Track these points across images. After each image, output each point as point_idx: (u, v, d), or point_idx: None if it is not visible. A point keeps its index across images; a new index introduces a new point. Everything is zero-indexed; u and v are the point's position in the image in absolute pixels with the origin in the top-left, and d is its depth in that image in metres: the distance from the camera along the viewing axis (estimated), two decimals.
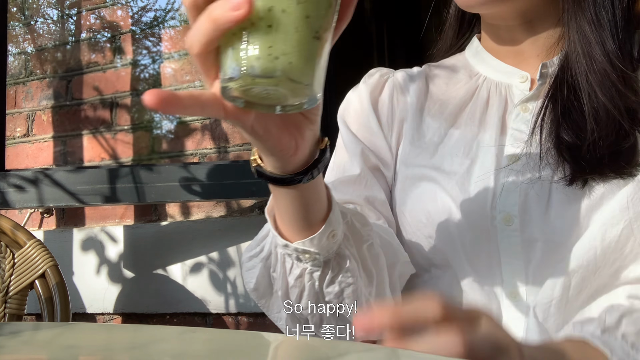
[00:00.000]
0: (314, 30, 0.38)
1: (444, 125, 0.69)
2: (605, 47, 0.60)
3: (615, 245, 0.56)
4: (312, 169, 0.48)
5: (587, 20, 0.62)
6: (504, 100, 0.68)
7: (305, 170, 0.47)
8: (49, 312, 0.96)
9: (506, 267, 0.61)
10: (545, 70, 0.66)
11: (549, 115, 0.62)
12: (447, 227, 0.63)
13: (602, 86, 0.59)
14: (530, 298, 0.60)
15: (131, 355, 0.29)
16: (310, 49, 0.38)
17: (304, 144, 0.46)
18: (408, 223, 0.67)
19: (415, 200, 0.66)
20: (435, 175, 0.65)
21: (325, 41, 0.39)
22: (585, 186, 0.58)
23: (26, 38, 1.98)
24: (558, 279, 0.58)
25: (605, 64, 0.60)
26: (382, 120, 0.73)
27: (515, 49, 0.70)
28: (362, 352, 0.32)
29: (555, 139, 0.60)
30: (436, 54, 0.80)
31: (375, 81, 0.75)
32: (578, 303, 0.60)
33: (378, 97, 0.74)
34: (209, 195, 1.53)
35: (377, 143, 0.72)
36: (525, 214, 0.60)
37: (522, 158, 0.62)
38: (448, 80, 0.74)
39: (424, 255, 0.67)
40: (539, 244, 0.60)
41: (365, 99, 0.74)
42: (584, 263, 0.57)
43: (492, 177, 0.63)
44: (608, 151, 0.58)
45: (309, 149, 0.47)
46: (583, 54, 0.61)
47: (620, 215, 0.56)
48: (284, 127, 0.45)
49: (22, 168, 1.73)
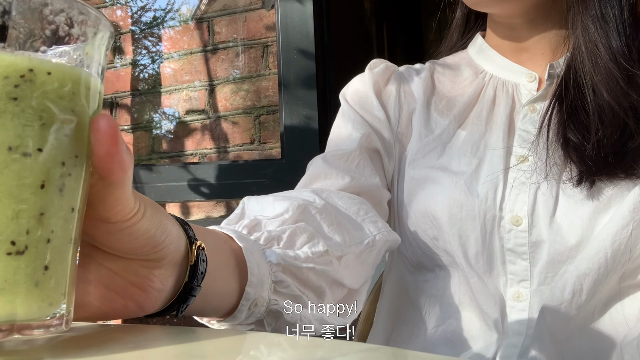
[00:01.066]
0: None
1: (452, 124, 0.69)
2: (610, 45, 0.60)
3: (625, 248, 0.56)
4: (181, 304, 0.37)
5: (591, 17, 0.61)
6: (511, 99, 0.68)
7: (172, 304, 0.37)
8: None
9: (511, 267, 0.61)
10: (552, 71, 0.66)
11: (555, 115, 0.62)
12: (454, 228, 0.62)
13: (606, 85, 0.59)
14: (534, 299, 0.60)
15: (131, 355, 0.29)
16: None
17: (156, 290, 0.35)
18: (413, 224, 0.66)
19: (422, 202, 0.66)
20: (442, 176, 0.65)
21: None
22: (594, 187, 0.58)
23: None
24: (567, 281, 0.58)
25: (610, 62, 0.59)
26: (389, 112, 0.72)
27: (520, 47, 0.69)
28: (362, 352, 0.32)
29: (563, 140, 0.60)
30: (440, 52, 0.80)
31: (381, 71, 0.74)
32: (590, 309, 0.59)
33: (383, 87, 0.73)
34: (209, 195, 1.53)
35: (381, 129, 0.71)
36: (534, 215, 0.60)
37: (530, 159, 0.62)
38: (453, 77, 0.74)
39: (429, 256, 0.66)
40: (545, 244, 0.59)
41: (369, 87, 0.73)
42: (595, 266, 0.56)
43: (500, 177, 0.62)
44: (613, 150, 0.57)
45: (168, 289, 0.36)
46: (587, 52, 0.61)
47: (629, 216, 0.56)
48: (107, 297, 0.34)
49: None
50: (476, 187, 0.63)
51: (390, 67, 0.75)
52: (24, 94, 0.28)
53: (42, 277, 0.29)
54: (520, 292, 0.61)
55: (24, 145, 0.28)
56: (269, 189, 0.61)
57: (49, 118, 0.29)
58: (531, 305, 0.60)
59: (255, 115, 1.70)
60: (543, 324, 0.58)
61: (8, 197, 0.28)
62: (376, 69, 0.74)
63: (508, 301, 0.62)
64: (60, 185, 0.30)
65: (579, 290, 0.57)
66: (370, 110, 0.71)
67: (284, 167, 1.47)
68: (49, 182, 0.29)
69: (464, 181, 0.63)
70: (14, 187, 0.28)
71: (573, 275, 0.57)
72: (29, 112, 0.29)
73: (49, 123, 0.29)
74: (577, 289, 0.57)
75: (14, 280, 0.28)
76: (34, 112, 0.29)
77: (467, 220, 0.62)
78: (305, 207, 0.53)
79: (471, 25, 0.78)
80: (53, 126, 0.29)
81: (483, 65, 0.72)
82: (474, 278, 0.63)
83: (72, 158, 0.30)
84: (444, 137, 0.68)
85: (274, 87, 1.68)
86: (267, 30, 1.71)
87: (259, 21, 1.73)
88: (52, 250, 0.29)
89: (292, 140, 1.48)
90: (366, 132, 0.69)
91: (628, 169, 0.57)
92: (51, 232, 0.29)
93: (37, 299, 0.28)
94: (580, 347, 0.59)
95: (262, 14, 1.73)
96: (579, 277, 0.57)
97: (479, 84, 0.71)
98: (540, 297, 0.60)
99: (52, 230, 0.29)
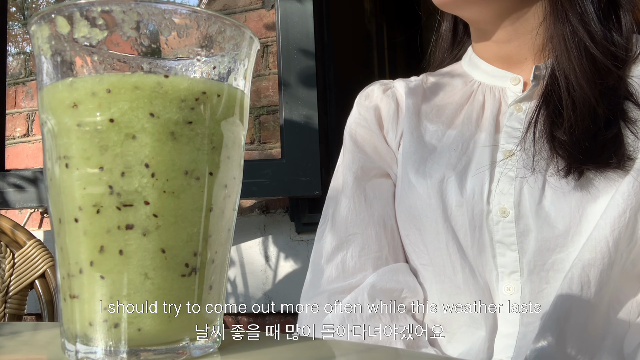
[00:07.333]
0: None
1: (441, 128, 0.71)
2: (588, 40, 0.62)
3: (624, 235, 0.57)
4: None
5: (571, 14, 0.64)
6: (497, 102, 0.70)
7: None
8: (49, 312, 0.96)
9: (501, 259, 0.62)
10: (538, 72, 0.67)
11: (542, 113, 0.64)
12: (443, 223, 0.64)
13: (586, 79, 0.61)
14: (526, 290, 0.61)
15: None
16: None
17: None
18: (404, 220, 0.69)
19: (412, 199, 0.67)
20: (431, 174, 0.67)
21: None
22: (582, 178, 0.59)
23: (26, 38, 1.98)
24: (573, 274, 0.58)
25: (586, 56, 0.62)
26: (388, 133, 0.75)
27: (503, 52, 0.71)
28: (362, 352, 0.32)
29: (549, 135, 0.62)
30: (431, 63, 0.83)
31: (373, 95, 0.77)
32: (598, 300, 0.58)
33: (379, 109, 0.76)
34: None
35: (381, 149, 0.74)
36: (520, 206, 0.61)
37: (517, 153, 0.64)
38: (445, 87, 0.76)
39: (419, 254, 0.68)
40: (532, 234, 0.60)
41: (366, 116, 0.76)
42: (599, 256, 0.57)
43: (487, 172, 0.64)
44: (585, 137, 0.59)
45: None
46: (567, 48, 0.63)
47: (624, 204, 0.57)
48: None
49: (22, 168, 1.73)
50: (465, 184, 0.64)
51: (384, 84, 0.79)
52: (198, 118, 0.29)
53: (207, 296, 0.30)
54: (511, 285, 0.62)
55: (198, 170, 0.29)
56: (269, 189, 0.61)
57: (217, 141, 0.30)
58: (523, 296, 0.61)
59: (255, 115, 1.70)
60: (553, 318, 0.58)
61: (184, 221, 0.28)
62: (366, 100, 0.77)
63: (499, 295, 0.63)
64: (223, 207, 0.30)
65: (586, 282, 0.57)
66: (371, 142, 0.75)
67: (284, 167, 1.47)
68: (215, 205, 0.30)
69: (453, 178, 0.65)
70: (189, 211, 0.28)
71: (578, 268, 0.57)
72: (202, 136, 0.29)
73: (217, 146, 0.30)
74: (584, 280, 0.57)
75: (187, 301, 0.29)
76: (206, 135, 0.29)
77: (456, 216, 0.63)
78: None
79: (459, 38, 0.81)
80: (221, 149, 0.30)
81: (473, 75, 0.75)
82: (465, 273, 0.63)
83: (232, 180, 0.31)
84: (434, 140, 0.70)
85: (274, 87, 1.68)
86: (267, 30, 1.71)
87: (259, 21, 1.73)
88: (214, 270, 0.30)
89: (292, 140, 1.47)
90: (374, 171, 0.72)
91: (608, 159, 0.58)
92: (215, 253, 0.30)
93: (203, 318, 0.29)
94: (585, 337, 0.59)
95: (262, 14, 1.73)
96: (584, 269, 0.57)
97: (467, 91, 0.73)
98: (531, 286, 0.60)
99: (215, 251, 0.30)
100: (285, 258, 1.60)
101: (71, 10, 0.28)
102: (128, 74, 0.28)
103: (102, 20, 0.28)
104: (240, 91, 0.32)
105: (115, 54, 0.28)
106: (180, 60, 0.30)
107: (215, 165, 0.29)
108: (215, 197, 0.30)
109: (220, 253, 0.31)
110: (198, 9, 0.29)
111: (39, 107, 0.30)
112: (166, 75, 0.28)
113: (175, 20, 0.29)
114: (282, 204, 1.63)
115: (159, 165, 0.27)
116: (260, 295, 1.60)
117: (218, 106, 0.29)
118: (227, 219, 0.31)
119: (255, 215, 1.63)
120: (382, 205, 0.71)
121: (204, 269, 0.29)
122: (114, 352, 0.27)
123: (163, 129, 0.27)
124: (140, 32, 0.28)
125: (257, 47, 0.33)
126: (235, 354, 0.31)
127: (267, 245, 1.62)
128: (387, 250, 0.69)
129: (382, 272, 0.67)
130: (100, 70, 0.28)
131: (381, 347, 0.36)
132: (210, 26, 0.30)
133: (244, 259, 1.63)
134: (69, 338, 0.28)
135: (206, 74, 0.30)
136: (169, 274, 0.28)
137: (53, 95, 0.28)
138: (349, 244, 0.69)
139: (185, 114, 0.28)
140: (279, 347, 0.33)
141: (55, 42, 0.29)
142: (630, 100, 0.62)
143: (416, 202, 0.67)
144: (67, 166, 0.28)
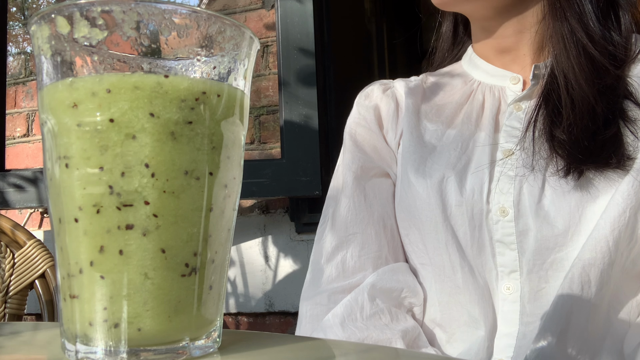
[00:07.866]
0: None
1: (441, 127, 0.71)
2: (586, 39, 0.63)
3: (624, 234, 0.57)
4: None
5: (569, 13, 0.64)
6: (497, 101, 0.70)
7: None
8: (49, 312, 0.96)
9: (501, 259, 0.62)
10: (538, 72, 0.68)
11: (542, 113, 0.64)
12: (443, 223, 0.64)
13: (585, 78, 0.62)
14: (525, 289, 0.61)
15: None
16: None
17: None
18: (403, 219, 0.69)
19: (412, 199, 0.67)
20: (431, 173, 0.67)
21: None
22: (582, 178, 0.59)
23: (26, 38, 1.98)
24: (574, 274, 0.58)
25: (584, 55, 0.62)
26: (388, 133, 0.75)
27: (502, 50, 0.72)
28: (362, 352, 0.32)
29: (548, 134, 0.62)
30: (433, 63, 0.83)
31: (373, 95, 0.77)
32: (599, 300, 0.58)
33: (379, 109, 0.76)
34: None
35: (381, 149, 0.74)
36: (520, 205, 0.61)
37: (516, 152, 0.64)
38: (445, 87, 0.76)
39: (418, 254, 0.68)
40: (532, 233, 0.60)
41: (366, 116, 0.76)
42: (599, 255, 0.57)
43: (486, 171, 0.64)
44: (584, 135, 0.59)
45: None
46: (565, 47, 0.63)
47: (624, 203, 0.57)
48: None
49: (22, 168, 1.73)
50: (465, 183, 0.64)
51: (384, 84, 0.79)
52: (198, 118, 0.29)
53: (207, 296, 0.30)
54: (511, 284, 0.62)
55: (198, 170, 0.29)
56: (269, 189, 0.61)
57: (217, 141, 0.30)
58: (522, 296, 0.61)
59: (255, 115, 1.70)
60: (553, 318, 0.58)
61: (184, 221, 0.28)
62: (366, 100, 0.77)
63: (498, 294, 0.63)
64: (223, 207, 0.30)
65: (587, 282, 0.57)
66: (371, 142, 0.74)
67: (284, 167, 1.47)
68: (215, 205, 0.30)
69: (453, 177, 0.65)
70: (188, 211, 0.28)
71: (578, 267, 0.57)
72: (202, 136, 0.29)
73: (217, 146, 0.30)
74: (585, 280, 0.57)
75: (187, 301, 0.29)
76: (206, 135, 0.29)
77: (455, 215, 0.64)
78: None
79: (460, 37, 0.81)
80: (221, 149, 0.30)
81: (472, 74, 0.75)
82: (464, 273, 0.64)
83: (232, 180, 0.31)
84: (434, 140, 0.70)
85: (273, 87, 1.68)
86: (267, 30, 1.71)
87: (259, 21, 1.73)
88: (214, 270, 0.30)
89: (292, 140, 1.47)
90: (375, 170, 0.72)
91: (607, 159, 0.58)
92: (215, 253, 0.30)
93: (202, 318, 0.30)
94: (586, 337, 0.59)
95: (262, 14, 1.73)
96: (584, 269, 0.57)
97: (467, 91, 0.73)
98: (531, 285, 0.61)
99: (215, 251, 0.30)
100: (285, 258, 1.60)
101: (71, 10, 0.28)
102: (128, 74, 0.28)
103: (102, 20, 0.28)
104: (240, 91, 0.32)
105: (115, 54, 0.28)
106: (180, 60, 0.30)
107: (215, 165, 0.29)
108: (215, 197, 0.30)
109: (220, 253, 0.31)
110: (198, 9, 0.29)
111: (39, 107, 0.30)
112: (166, 75, 0.28)
113: (175, 20, 0.29)
114: (282, 204, 1.64)
115: (159, 165, 0.28)
116: (260, 295, 1.60)
117: (218, 106, 0.29)
118: (227, 219, 0.31)
119: (255, 215, 1.63)
120: (381, 204, 0.71)
121: (204, 269, 0.29)
122: (114, 352, 0.27)
123: (163, 129, 0.27)
124: (140, 32, 0.28)
125: (257, 47, 0.33)
126: (235, 354, 0.31)
127: (267, 245, 1.62)
128: (386, 250, 0.69)
129: (382, 271, 0.67)
130: (100, 70, 0.28)
131: (381, 347, 0.36)
132: (210, 26, 0.30)
133: (244, 259, 1.63)
134: (69, 338, 0.28)
135: (206, 74, 0.30)
136: (169, 274, 0.28)
137: (53, 95, 0.28)
138: (348, 244, 0.69)
139: (185, 114, 0.28)
140: (279, 347, 0.33)
141: (55, 42, 0.29)
142: (630, 99, 0.62)
143: (416, 201, 0.67)
144: (67, 166, 0.28)
